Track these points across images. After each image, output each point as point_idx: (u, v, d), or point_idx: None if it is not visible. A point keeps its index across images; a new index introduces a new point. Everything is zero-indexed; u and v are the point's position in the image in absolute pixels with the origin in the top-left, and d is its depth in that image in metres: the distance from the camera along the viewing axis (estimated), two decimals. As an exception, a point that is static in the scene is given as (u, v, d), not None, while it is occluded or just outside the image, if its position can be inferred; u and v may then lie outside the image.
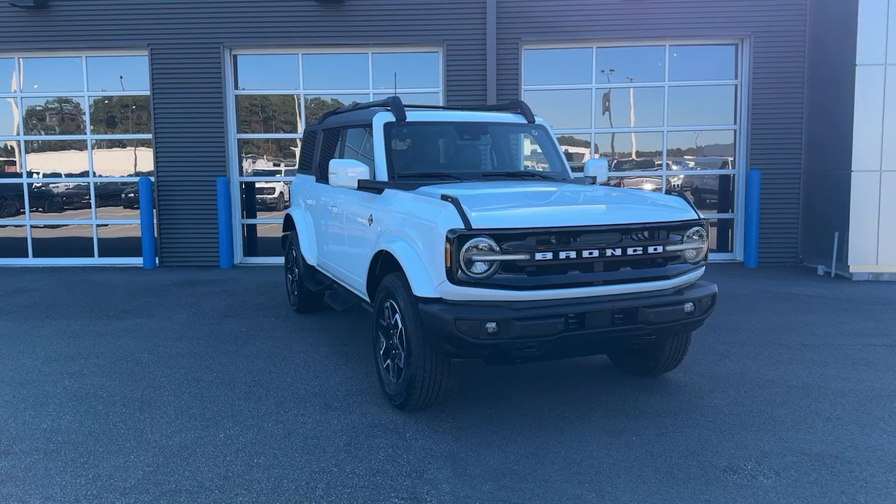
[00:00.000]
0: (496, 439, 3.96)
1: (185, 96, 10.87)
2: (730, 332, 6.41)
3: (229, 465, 3.65)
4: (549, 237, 3.93)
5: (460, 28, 10.59)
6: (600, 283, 4.07)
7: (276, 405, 4.54)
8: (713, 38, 10.79)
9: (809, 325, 6.69)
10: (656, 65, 10.94)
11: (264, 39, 10.78)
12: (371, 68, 11.01)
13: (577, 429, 4.11)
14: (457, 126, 5.60)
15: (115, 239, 11.62)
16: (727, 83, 10.93)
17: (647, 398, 4.63)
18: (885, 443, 3.85)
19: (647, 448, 3.82)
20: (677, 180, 11.58)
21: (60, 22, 10.81)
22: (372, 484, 3.42)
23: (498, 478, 3.47)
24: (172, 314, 7.40)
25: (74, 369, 5.39)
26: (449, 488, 3.36)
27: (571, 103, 11.19)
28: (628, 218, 4.13)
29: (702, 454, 3.73)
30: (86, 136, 11.43)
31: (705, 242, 4.41)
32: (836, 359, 5.53)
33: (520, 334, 3.84)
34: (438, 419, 4.27)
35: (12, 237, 11.71)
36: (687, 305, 4.26)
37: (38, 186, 11.73)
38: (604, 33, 10.62)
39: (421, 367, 4.09)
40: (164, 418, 4.33)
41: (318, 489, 3.37)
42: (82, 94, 11.31)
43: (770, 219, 10.67)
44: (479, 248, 3.82)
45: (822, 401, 4.55)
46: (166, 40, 10.78)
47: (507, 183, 5.10)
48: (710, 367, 5.31)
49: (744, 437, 3.95)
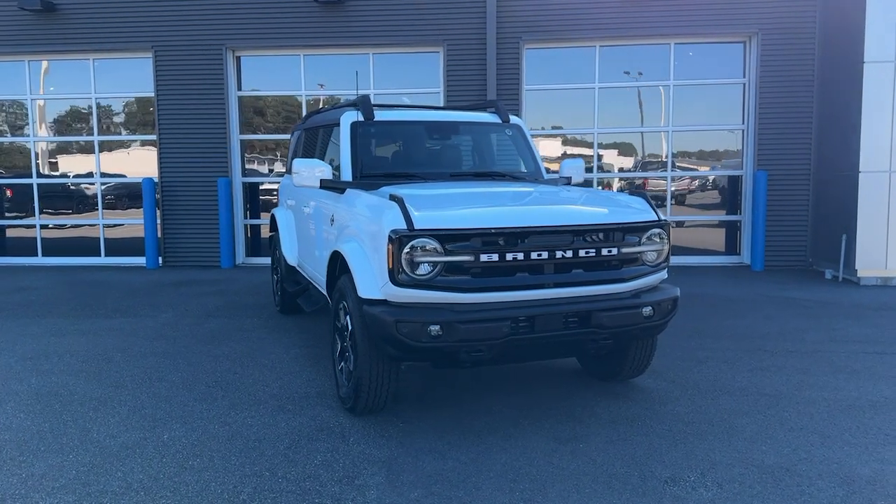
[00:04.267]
0: (440, 445, 3.87)
1: (188, 98, 10.97)
2: (714, 337, 6.22)
3: (163, 466, 3.61)
4: (495, 238, 3.82)
5: (460, 28, 10.51)
6: (551, 285, 3.95)
7: (230, 407, 4.51)
8: (720, 36, 10.54)
9: (801, 331, 6.46)
10: (660, 64, 10.72)
11: (266, 41, 10.83)
12: (372, 69, 10.99)
13: (527, 435, 4.00)
14: (426, 125, 5.52)
15: (126, 239, 11.74)
16: (734, 82, 10.67)
17: (608, 404, 4.49)
18: (845, 455, 3.67)
19: (592, 456, 3.69)
20: (682, 182, 11.34)
21: (67, 25, 10.99)
22: (299, 489, 3.35)
23: (429, 485, 3.38)
24: (159, 314, 7.44)
25: (46, 367, 5.43)
26: (376, 495, 3.28)
27: (574, 103, 11.03)
28: (581, 219, 4.01)
29: (647, 464, 3.59)
30: (93, 138, 11.59)
31: (666, 244, 4.26)
32: (818, 366, 5.32)
33: (463, 338, 3.75)
34: (388, 423, 4.19)
35: (37, 237, 11.94)
36: (645, 309, 4.12)
37: (69, 187, 11.90)
38: (607, 32, 10.44)
39: (367, 370, 4.02)
40: (115, 418, 4.32)
41: (243, 493, 3.31)
42: (90, 96, 11.48)
43: (778, 221, 10.39)
44: (421, 249, 3.73)
45: (791, 410, 4.37)
46: (170, 42, 10.89)
47: (471, 183, 5.00)
48: (683, 374, 5.14)
49: (696, 447, 3.80)
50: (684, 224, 11.31)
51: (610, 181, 11.31)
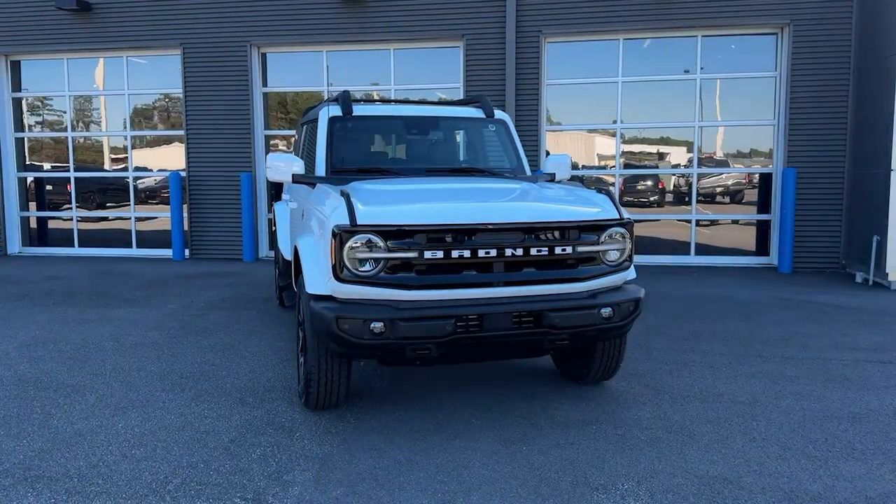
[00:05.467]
0: (383, 443, 3.83)
1: (214, 94, 11.20)
2: (711, 341, 5.99)
3: (105, 454, 3.68)
4: (440, 235, 3.75)
5: (480, 21, 10.41)
6: (500, 283, 3.86)
7: (193, 398, 4.57)
8: (750, 27, 10.14)
9: (807, 336, 6.16)
10: (687, 56, 10.38)
11: (290, 37, 10.96)
12: (392, 64, 10.99)
13: (473, 435, 3.92)
14: (405, 120, 5.46)
15: (160, 231, 12.06)
16: (765, 76, 10.25)
17: (570, 406, 4.37)
18: (798, 469, 3.46)
19: (531, 460, 3.59)
20: (709, 179, 10.97)
21: (101, 24, 11.35)
22: (226, 482, 3.36)
23: (355, 484, 3.35)
24: (165, 304, 7.61)
25: (38, 354, 5.62)
26: (298, 492, 3.27)
27: (596, 97, 10.79)
28: (533, 216, 3.89)
29: (584, 470, 3.47)
30: (125, 133, 11.96)
31: (629, 243, 4.11)
32: (810, 374, 5.05)
33: (405, 335, 3.69)
34: (339, 419, 4.17)
35: (112, 228, 12.43)
36: (604, 310, 3.98)
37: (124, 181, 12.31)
38: (631, 24, 10.17)
39: (315, 366, 4.01)
40: (81, 405, 4.43)
41: (171, 484, 3.35)
42: (123, 92, 11.85)
43: (809, 221, 9.94)
44: (364, 244, 3.70)
45: (761, 419, 4.15)
46: (197, 39, 11.13)
47: (444, 179, 4.92)
48: (661, 378, 4.96)
49: (643, 454, 3.65)
50: (710, 223, 10.94)
51: (635, 177, 11.04)
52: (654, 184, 11.09)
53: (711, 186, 11.04)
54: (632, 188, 11.12)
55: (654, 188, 11.11)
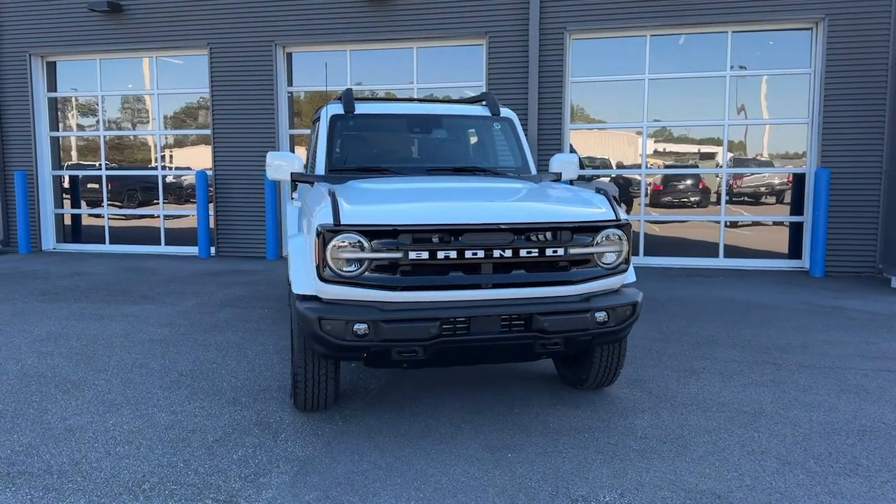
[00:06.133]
0: (366, 446, 3.76)
1: (240, 93, 11.30)
2: (725, 347, 5.78)
3: (90, 451, 3.69)
4: (426, 235, 3.67)
5: (502, 18, 10.29)
6: (488, 286, 3.75)
7: (187, 396, 4.57)
8: (783, 22, 9.79)
9: (828, 343, 5.90)
10: (717, 53, 10.09)
11: (314, 36, 10.99)
12: (415, 62, 10.94)
13: (461, 441, 3.83)
14: (407, 119, 5.39)
15: (190, 229, 12.21)
16: (799, 72, 9.89)
17: (564, 413, 4.24)
18: (794, 486, 3.28)
19: (514, 468, 3.48)
20: (740, 178, 10.65)
21: (131, 24, 11.56)
22: (202, 483, 3.34)
23: (330, 488, 3.28)
24: (181, 301, 7.69)
25: (47, 349, 5.71)
26: (271, 495, 3.22)
27: (622, 95, 10.57)
28: (523, 217, 3.78)
29: (568, 480, 3.35)
30: (154, 132, 12.16)
31: (625, 245, 3.96)
32: (826, 384, 4.82)
33: (388, 338, 3.62)
34: (328, 421, 4.12)
35: (141, 226, 12.71)
36: (598, 314, 3.85)
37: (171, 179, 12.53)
38: (658, 19, 9.93)
39: (301, 367, 3.96)
40: (78, 401, 4.47)
41: (147, 483, 3.33)
42: (153, 92, 12.05)
43: (843, 223, 9.57)
44: (347, 244, 3.63)
45: (763, 431, 3.97)
46: (224, 39, 11.25)
47: (443, 178, 4.83)
48: (666, 385, 4.79)
49: (631, 465, 3.51)
50: (741, 224, 10.63)
51: (654, 177, 10.78)
52: (694, 183, 10.79)
53: (755, 186, 10.66)
54: (672, 188, 10.85)
55: (695, 188, 10.81)
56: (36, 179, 12.31)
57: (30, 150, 12.25)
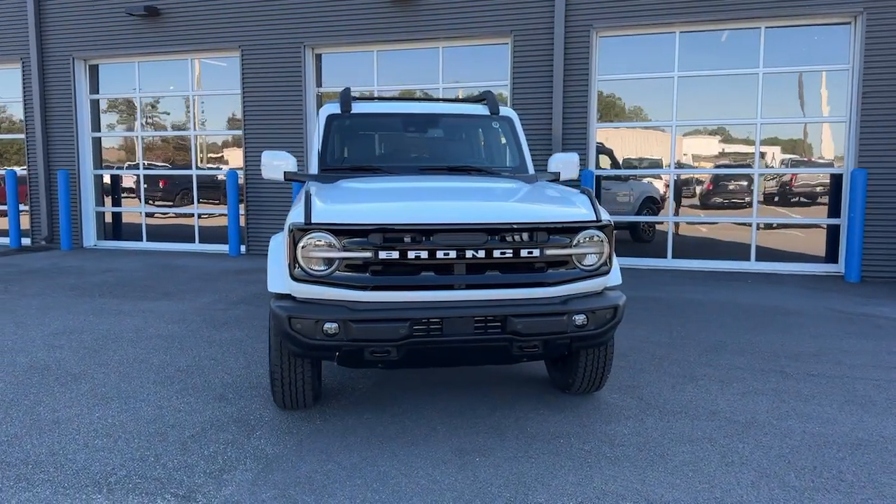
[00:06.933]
0: (337, 446, 3.75)
1: (270, 94, 11.47)
2: (733, 353, 5.58)
3: (68, 443, 3.78)
4: (397, 235, 3.63)
5: (528, 16, 10.18)
6: (462, 286, 3.70)
7: (178, 391, 4.64)
8: (818, 17, 9.42)
9: (845, 352, 5.63)
10: (749, 49, 9.77)
11: (341, 38, 11.08)
12: (441, 62, 10.92)
13: (432, 443, 3.78)
14: (403, 118, 5.36)
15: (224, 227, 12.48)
16: (836, 69, 9.50)
17: (547, 417, 4.15)
18: (765, 500, 3.13)
19: (478, 473, 3.42)
20: (773, 179, 10.28)
21: (167, 28, 11.86)
22: (167, 477, 3.38)
23: (288, 487, 3.28)
24: (199, 298, 7.84)
25: (59, 343, 5.89)
26: (229, 492, 3.24)
27: (650, 92, 10.34)
28: (497, 217, 3.71)
29: (529, 486, 3.27)
30: (189, 132, 12.45)
31: (607, 246, 3.85)
32: (830, 394, 4.60)
33: (358, 337, 3.60)
34: (307, 420, 4.13)
35: (179, 224, 13.10)
36: (577, 317, 3.75)
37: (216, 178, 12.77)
38: (688, 15, 9.67)
39: (278, 365, 3.98)
40: (72, 394, 4.59)
41: (114, 476, 3.39)
42: (188, 93, 12.33)
43: (881, 226, 9.16)
44: (317, 243, 3.63)
45: (749, 441, 3.80)
46: (255, 42, 11.44)
47: (431, 178, 4.78)
48: (659, 391, 4.65)
49: (599, 473, 3.40)
50: (773, 226, 10.27)
51: (691, 177, 10.50)
52: (749, 184, 10.40)
53: (811, 187, 10.23)
54: (723, 188, 10.54)
55: (749, 188, 10.44)
56: (78, 178, 12.74)
57: (72, 150, 12.69)
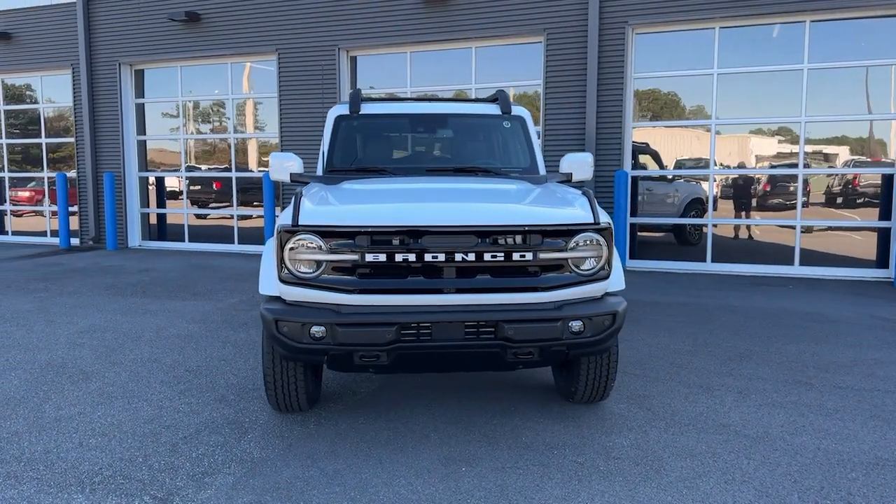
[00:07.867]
0: (323, 452, 3.69)
1: (305, 96, 11.57)
2: (758, 363, 5.31)
3: (64, 442, 3.83)
4: (385, 237, 3.56)
5: (561, 14, 10.00)
6: (452, 290, 3.60)
7: (181, 392, 4.67)
8: (864, 10, 8.96)
9: (880, 364, 5.30)
10: (792, 44, 9.36)
11: (376, 39, 11.09)
12: (474, 62, 10.82)
13: (421, 451, 3.69)
14: (411, 118, 5.29)
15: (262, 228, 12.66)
16: (884, 63, 9.02)
17: (544, 427, 4.00)
18: (761, 522, 2.94)
19: (461, 483, 3.31)
20: (818, 179, 9.82)
21: (208, 33, 12.08)
22: (150, 479, 3.38)
23: (265, 493, 3.24)
24: (226, 298, 7.93)
25: (82, 341, 6.01)
26: (207, 496, 3.21)
27: (688, 90, 10.02)
28: (488, 219, 3.59)
29: (511, 499, 3.14)
30: (228, 136, 12.66)
31: (605, 250, 3.69)
32: (855, 408, 4.32)
33: (344, 341, 3.54)
34: (300, 424, 4.09)
35: (214, 225, 13.40)
36: (573, 324, 3.61)
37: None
38: (727, 10, 9.32)
39: (270, 367, 3.95)
40: (79, 392, 4.66)
41: (99, 476, 3.41)
42: (227, 97, 12.55)
43: (935, 229, 8.63)
44: (304, 245, 3.59)
45: (755, 457, 3.59)
46: (291, 45, 11.57)
47: (434, 179, 4.69)
48: (670, 401, 4.44)
49: (586, 487, 3.25)
50: (812, 229, 9.80)
51: (726, 177, 10.13)
52: (804, 185, 9.97)
53: (875, 187, 9.72)
54: (783, 189, 10.14)
55: (805, 189, 10.01)
56: (124, 180, 13.10)
57: (118, 153, 13.05)
